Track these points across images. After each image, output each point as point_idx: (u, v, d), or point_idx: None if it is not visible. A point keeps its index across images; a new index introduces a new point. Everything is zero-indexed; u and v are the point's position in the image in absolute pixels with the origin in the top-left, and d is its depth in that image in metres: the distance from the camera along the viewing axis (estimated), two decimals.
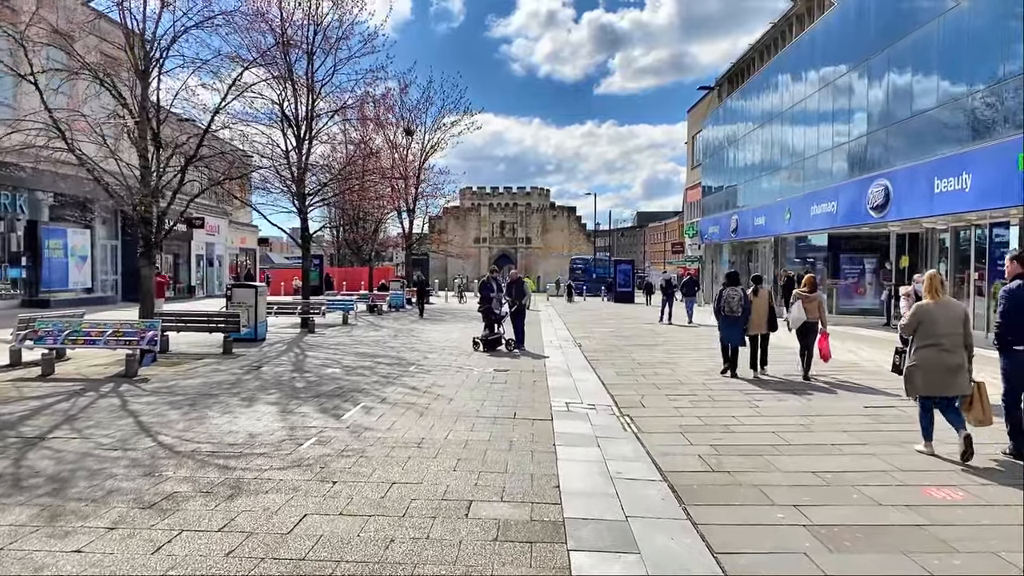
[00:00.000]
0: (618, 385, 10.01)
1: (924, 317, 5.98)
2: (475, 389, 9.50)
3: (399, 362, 12.26)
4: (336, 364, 11.89)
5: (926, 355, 5.95)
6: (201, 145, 11.27)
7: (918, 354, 6.00)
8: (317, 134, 19.48)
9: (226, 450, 6.08)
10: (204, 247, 38.08)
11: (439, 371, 11.21)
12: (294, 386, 9.57)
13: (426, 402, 8.48)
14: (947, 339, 5.88)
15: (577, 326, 21.29)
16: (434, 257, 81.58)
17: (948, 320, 5.92)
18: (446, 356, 13.22)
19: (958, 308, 6.07)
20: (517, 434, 6.86)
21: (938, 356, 5.88)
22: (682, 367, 11.98)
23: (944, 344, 5.87)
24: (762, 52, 30.82)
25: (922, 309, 6.02)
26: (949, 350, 5.87)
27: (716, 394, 9.33)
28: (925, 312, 5.99)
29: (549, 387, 9.75)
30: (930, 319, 5.95)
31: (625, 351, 14.52)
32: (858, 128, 19.05)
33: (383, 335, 17.45)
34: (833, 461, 6.02)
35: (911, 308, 6.23)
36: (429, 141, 33.67)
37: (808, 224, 21.94)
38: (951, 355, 5.86)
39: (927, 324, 5.95)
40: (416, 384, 9.84)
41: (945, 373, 5.87)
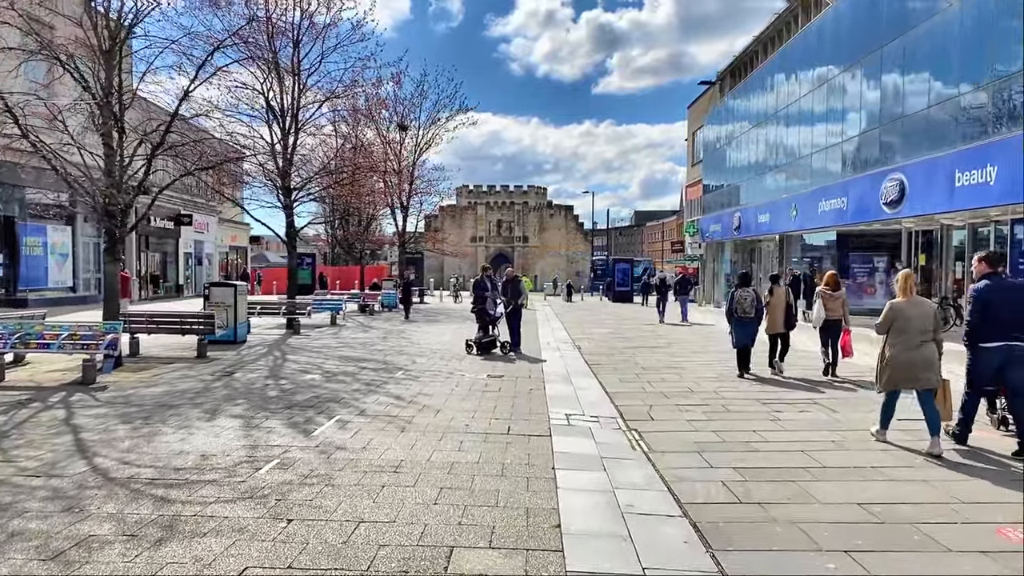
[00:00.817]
0: (622, 394, 9.15)
1: (897, 315, 6.21)
2: (466, 398, 8.62)
3: (385, 367, 11.37)
4: (316, 369, 11.00)
5: (899, 351, 6.16)
6: (168, 132, 10.36)
7: (891, 350, 6.22)
8: (304, 126, 18.59)
9: (170, 476, 5.20)
10: (192, 245, 37.14)
11: (427, 377, 10.33)
12: (266, 395, 8.68)
13: (410, 414, 7.61)
14: (918, 335, 6.09)
15: (575, 326, 20.43)
16: (431, 256, 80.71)
17: (919, 317, 6.13)
18: (436, 360, 12.34)
19: (928, 306, 6.30)
20: (511, 455, 5.99)
21: (910, 352, 6.09)
22: (690, 372, 11.13)
23: (915, 341, 6.09)
24: (766, 45, 29.97)
25: (895, 307, 6.26)
26: (920, 346, 6.08)
27: (731, 404, 8.48)
28: (898, 310, 6.22)
29: (547, 396, 8.89)
30: (903, 316, 6.17)
31: (627, 354, 13.67)
32: (870, 120, 18.21)
33: (372, 337, 16.56)
34: (879, 488, 5.17)
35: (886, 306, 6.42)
36: (423, 136, 32.76)
37: (816, 221, 21.09)
38: (922, 351, 6.08)
39: (900, 321, 6.17)
40: (401, 393, 8.96)
41: (916, 368, 6.08)
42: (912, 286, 6.33)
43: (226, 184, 18.29)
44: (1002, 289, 5.99)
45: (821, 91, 21.19)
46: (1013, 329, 5.84)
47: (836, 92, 20.25)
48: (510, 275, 14.33)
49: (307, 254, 44.47)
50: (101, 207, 10.25)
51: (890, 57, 17.08)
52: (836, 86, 20.18)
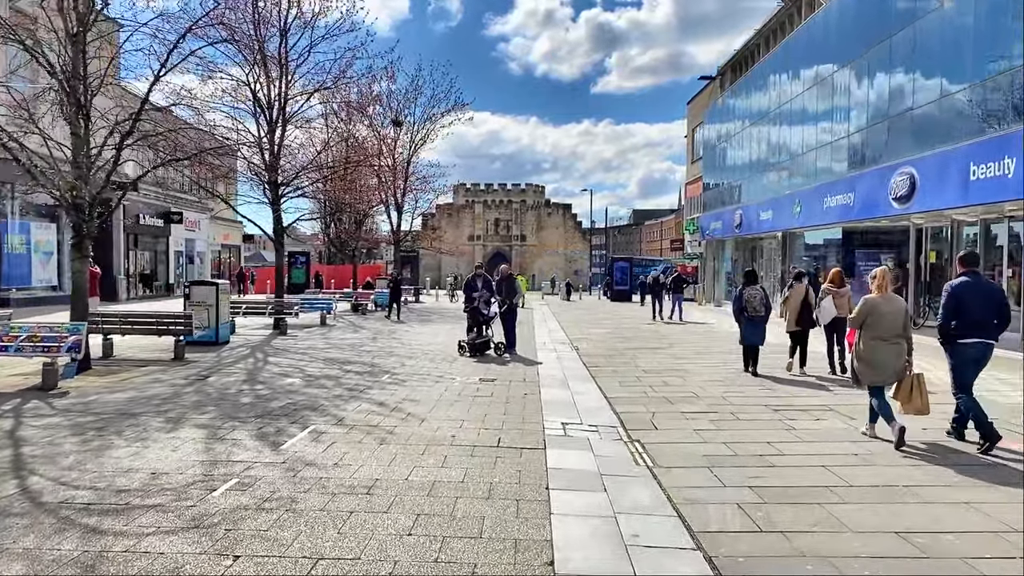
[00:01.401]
0: (623, 399, 8.53)
1: (871, 310, 6.27)
2: (454, 405, 8.00)
3: (371, 370, 10.74)
4: (298, 373, 10.37)
5: (872, 346, 6.27)
6: (138, 120, 9.70)
7: (865, 345, 6.32)
8: (292, 118, 17.94)
9: (109, 500, 4.57)
10: (183, 243, 36.44)
11: (415, 381, 9.70)
12: (239, 402, 8.04)
13: (392, 424, 6.98)
14: (892, 331, 6.21)
15: (573, 326, 19.82)
16: (428, 255, 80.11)
17: (891, 314, 6.23)
18: (427, 362, 11.71)
19: (901, 303, 6.38)
20: (500, 472, 5.37)
21: (885, 347, 6.22)
22: (694, 375, 10.51)
23: (886, 336, 6.21)
24: (767, 38, 29.34)
25: (869, 303, 6.31)
26: (892, 342, 6.21)
27: (740, 411, 7.85)
28: (872, 306, 6.28)
29: (542, 402, 8.26)
30: (877, 312, 6.24)
31: (627, 355, 13.05)
32: (878, 114, 17.60)
33: (361, 338, 15.92)
34: (917, 513, 4.55)
35: (860, 302, 6.49)
36: (419, 132, 32.10)
37: (820, 218, 20.50)
38: (897, 346, 6.21)
39: (874, 317, 6.24)
40: (385, 399, 8.32)
41: (892, 362, 6.22)
42: (887, 283, 6.41)
43: (210, 179, 17.61)
44: (976, 288, 6.14)
45: (825, 85, 20.59)
46: (985, 327, 6.06)
47: (841, 86, 19.65)
48: (504, 273, 13.70)
49: (301, 252, 43.93)
50: (67, 200, 9.59)
51: (899, 47, 16.48)
52: (841, 80, 19.58)
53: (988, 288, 6.33)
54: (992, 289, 6.43)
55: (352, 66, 17.95)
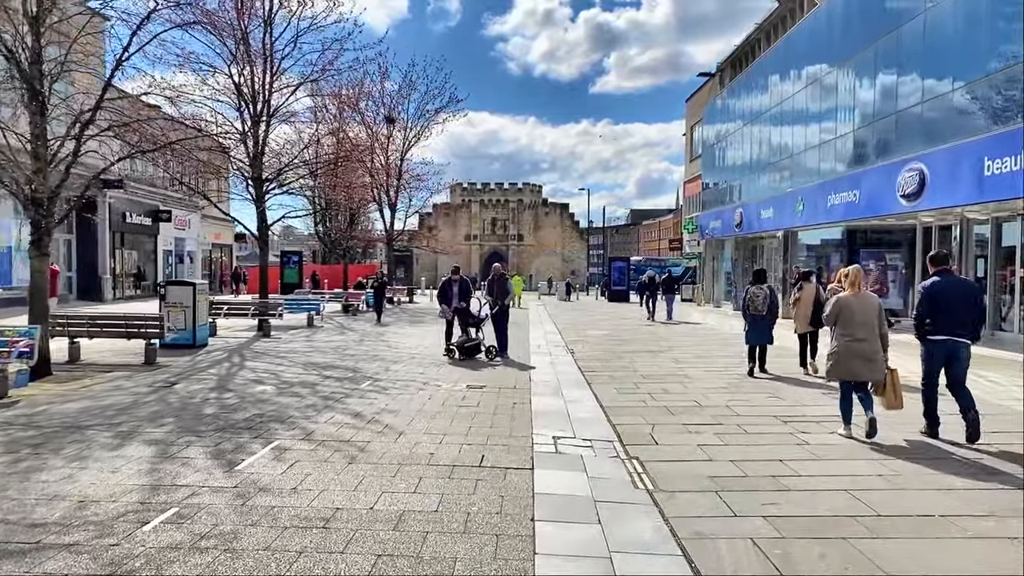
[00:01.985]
0: (620, 409, 7.89)
1: (843, 308, 6.36)
2: (436, 416, 7.35)
3: (352, 376, 10.08)
4: (272, 379, 9.70)
5: (845, 343, 6.33)
6: (99, 107, 9.03)
7: (838, 342, 6.40)
8: (277, 112, 17.27)
9: (17, 538, 3.90)
10: (173, 242, 35.72)
11: (398, 388, 9.05)
12: (201, 412, 7.39)
13: (366, 439, 6.33)
14: (863, 329, 6.25)
15: (569, 328, 19.18)
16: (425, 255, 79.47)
17: (864, 312, 6.29)
18: (413, 367, 11.06)
19: (874, 301, 6.43)
20: (480, 498, 4.72)
21: (855, 345, 6.26)
22: (696, 381, 9.87)
23: (860, 334, 6.24)
24: (768, 33, 28.73)
25: (842, 301, 6.39)
26: (865, 339, 6.24)
27: (747, 422, 7.22)
28: (844, 304, 6.36)
29: (533, 412, 7.62)
30: (849, 310, 6.32)
31: (625, 359, 12.41)
32: (885, 106, 16.98)
33: (347, 340, 15.27)
34: (959, 551, 3.91)
35: (833, 300, 6.61)
36: (412, 129, 31.45)
37: (824, 216, 19.87)
38: (866, 344, 6.24)
39: (846, 315, 6.32)
40: (362, 409, 7.67)
41: (861, 360, 6.25)
42: (860, 282, 6.48)
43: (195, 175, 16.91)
44: (949, 286, 6.29)
45: (829, 79, 19.96)
46: (956, 323, 6.20)
47: (845, 80, 19.03)
48: (496, 273, 13.04)
49: (294, 252, 43.24)
50: (24, 194, 8.92)
51: (907, 38, 15.86)
52: (845, 74, 18.96)
53: (962, 286, 6.47)
54: (966, 287, 6.58)
55: (340, 58, 17.30)
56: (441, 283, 12.83)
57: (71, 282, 27.33)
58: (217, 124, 15.42)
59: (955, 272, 6.78)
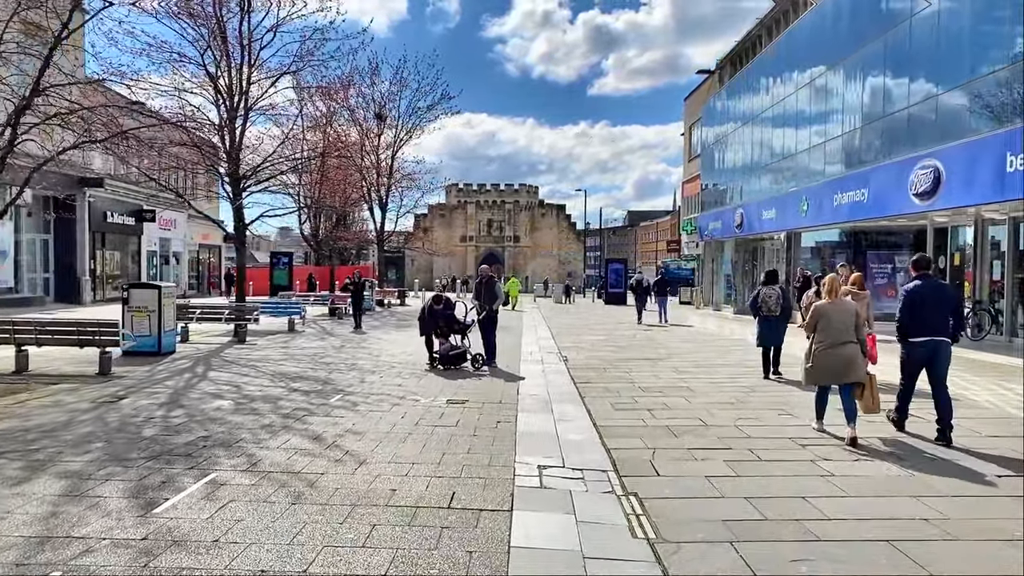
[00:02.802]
0: (617, 429, 7.02)
1: (821, 315, 6.47)
2: (407, 439, 6.46)
3: (322, 389, 9.19)
4: (233, 393, 8.80)
5: (823, 350, 6.44)
6: (36, 91, 8.14)
7: (816, 348, 6.49)
8: (255, 104, 16.37)
9: None
10: (158, 243, 34.78)
11: (370, 404, 8.17)
12: (138, 435, 6.49)
13: (320, 469, 5.44)
14: (841, 334, 6.36)
15: (564, 332, 18.32)
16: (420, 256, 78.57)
17: (841, 318, 6.39)
18: (391, 378, 10.18)
19: (851, 307, 6.53)
20: (443, 556, 3.83)
21: (833, 350, 6.37)
22: (700, 394, 9.01)
23: (839, 339, 6.36)
24: (770, 27, 27.93)
25: (820, 308, 6.53)
26: (842, 345, 6.36)
27: (760, 446, 6.35)
28: (822, 311, 6.48)
29: (518, 432, 6.75)
30: (826, 317, 6.44)
31: (622, 368, 11.56)
32: (897, 100, 16.14)
33: (326, 346, 14.37)
34: None
35: (811, 307, 6.80)
36: (404, 127, 30.57)
37: (830, 216, 19.04)
38: (845, 349, 6.36)
39: (824, 321, 6.44)
40: (324, 430, 6.78)
41: (840, 365, 6.38)
42: (837, 289, 6.61)
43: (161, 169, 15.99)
44: (929, 289, 6.47)
45: (835, 73, 19.13)
46: (937, 324, 6.39)
47: (853, 73, 18.20)
48: (484, 275, 12.14)
49: (284, 253, 42.31)
50: None
51: (921, 26, 15.03)
52: (853, 66, 18.13)
53: (941, 290, 6.66)
54: (945, 291, 6.77)
55: (321, 47, 16.40)
56: (421, 309, 11.79)
57: (47, 284, 26.36)
58: (186, 115, 14.49)
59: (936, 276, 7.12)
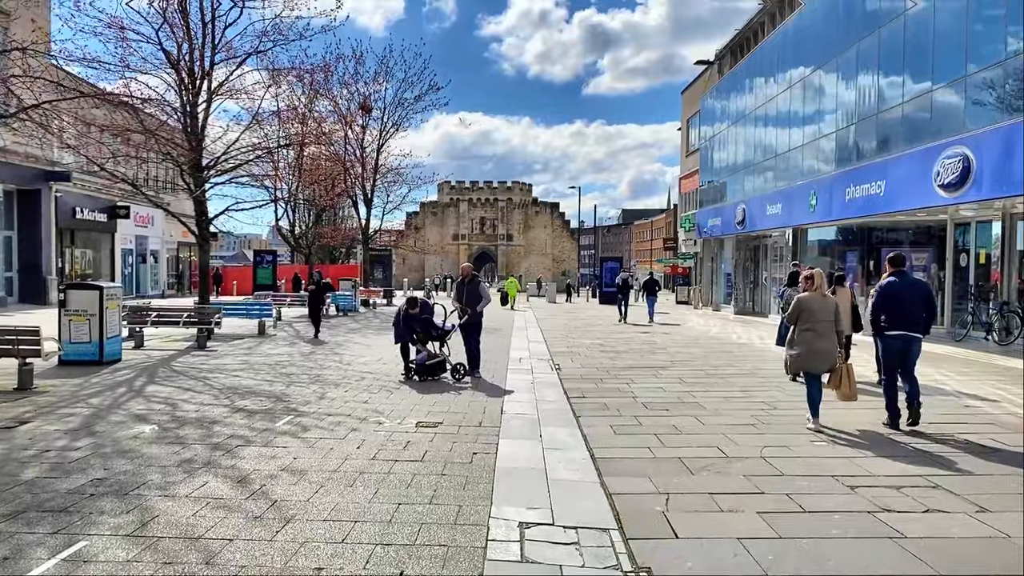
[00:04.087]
0: (620, 462, 5.72)
1: (804, 308, 6.84)
2: (357, 482, 5.13)
3: (272, 408, 7.84)
4: (164, 414, 7.44)
5: (804, 338, 6.83)
6: None
7: (798, 338, 6.88)
8: (219, 88, 14.98)
9: None
10: (133, 240, 33.26)
11: (324, 428, 6.83)
12: (16, 477, 5.12)
13: (227, 532, 4.10)
14: (822, 326, 6.75)
15: (557, 336, 17.02)
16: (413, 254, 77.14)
17: (822, 311, 6.78)
18: (357, 392, 8.84)
19: (831, 302, 6.94)
20: None
21: (813, 340, 6.77)
22: (713, 412, 7.72)
23: (818, 330, 6.75)
24: (774, 15, 26.67)
25: (803, 301, 6.87)
26: (821, 335, 6.76)
27: (799, 488, 5.05)
28: (804, 304, 6.85)
29: (498, 469, 5.44)
30: (808, 309, 6.82)
31: (621, 378, 10.27)
32: (919, 83, 14.89)
33: (294, 353, 13.02)
34: None
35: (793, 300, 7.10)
36: (389, 119, 29.20)
37: (841, 210, 17.80)
38: (823, 339, 6.76)
39: (806, 313, 6.82)
40: (255, 468, 5.44)
41: (819, 355, 6.79)
42: (821, 283, 6.92)
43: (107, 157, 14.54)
44: (903, 286, 6.77)
45: (848, 56, 17.86)
46: (911, 319, 6.70)
47: (869, 54, 16.94)
48: (467, 273, 10.77)
49: (267, 251, 40.90)
50: None
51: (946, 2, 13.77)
52: (868, 48, 16.86)
53: (916, 286, 6.96)
54: (919, 287, 7.04)
55: (293, 27, 15.04)
56: (396, 313, 10.48)
57: (11, 284, 24.87)
58: (132, 94, 13.09)
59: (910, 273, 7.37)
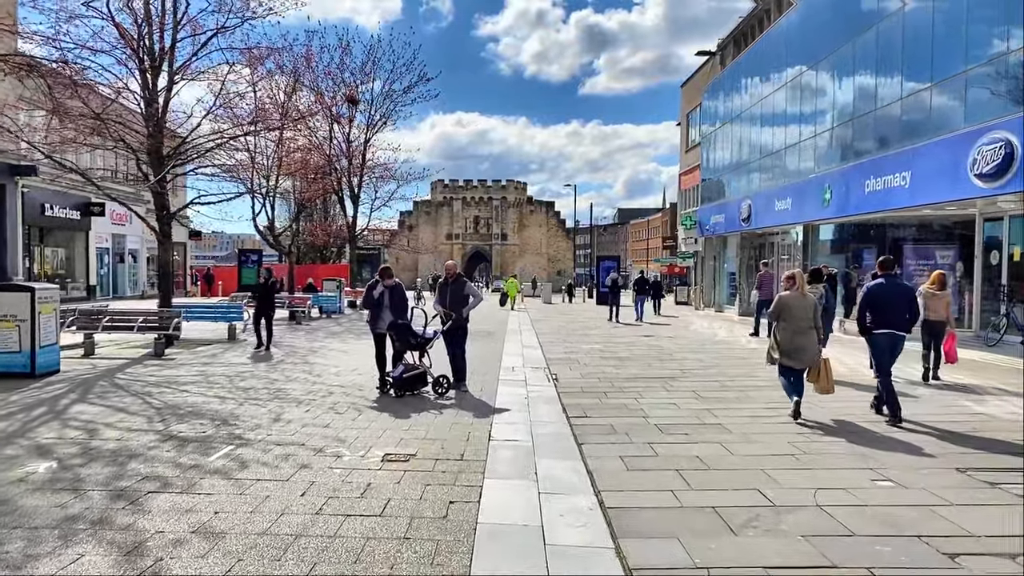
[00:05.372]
0: (638, 514, 4.39)
1: (784, 305, 7.21)
2: (290, 550, 3.79)
3: (213, 434, 6.48)
4: (75, 445, 6.07)
5: (784, 335, 7.18)
6: None
7: (781, 335, 7.21)
8: (182, 70, 13.60)
9: None
10: (110, 239, 31.78)
11: (266, 464, 5.49)
12: None
13: None
14: (801, 323, 7.10)
15: (554, 339, 15.70)
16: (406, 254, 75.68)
17: (802, 308, 7.15)
18: (320, 412, 7.49)
19: (811, 300, 7.28)
20: None
21: (792, 336, 7.12)
22: (742, 437, 6.40)
23: (799, 327, 7.10)
24: (780, 1, 25.40)
25: (782, 299, 7.25)
26: (801, 332, 7.10)
27: (875, 548, 3.73)
28: (784, 302, 7.21)
29: (479, 530, 4.11)
30: (788, 307, 7.17)
31: (627, 391, 8.97)
32: (949, 62, 13.60)
33: (259, 362, 11.65)
34: None
35: (776, 298, 7.47)
36: (377, 111, 27.83)
37: (859, 205, 16.51)
38: (804, 336, 7.10)
39: (786, 310, 7.17)
40: (161, 526, 4.10)
41: (799, 350, 7.10)
42: (803, 283, 7.34)
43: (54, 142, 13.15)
44: (890, 288, 7.23)
45: (868, 36, 16.57)
46: (896, 319, 7.14)
47: (891, 35, 15.65)
48: (451, 272, 9.37)
49: (253, 251, 39.43)
50: None
51: None
52: (891, 26, 15.56)
53: (900, 288, 7.39)
54: (904, 289, 7.46)
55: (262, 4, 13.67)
56: (367, 286, 9.25)
57: None
58: (76, 70, 11.71)
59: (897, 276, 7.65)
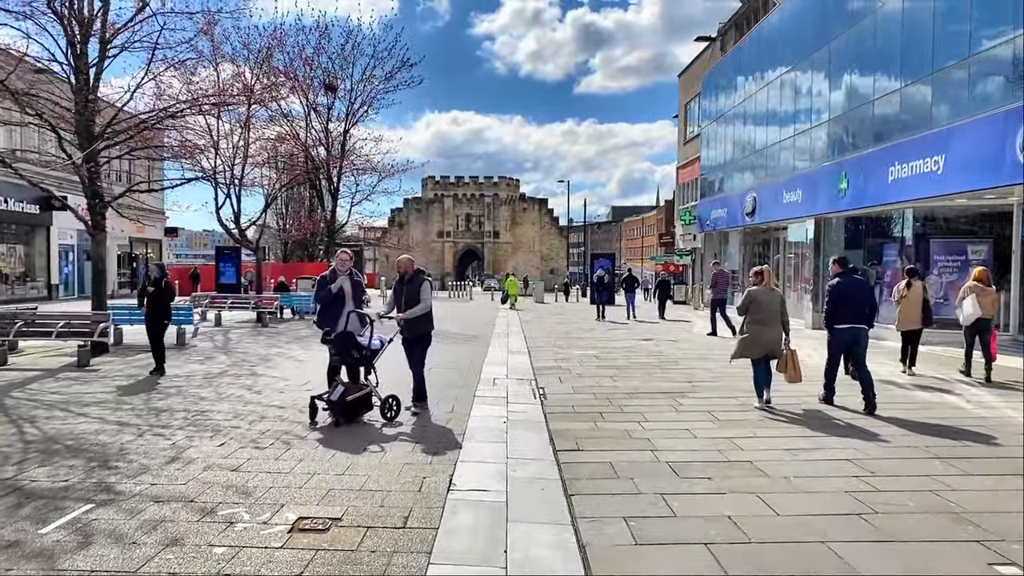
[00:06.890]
0: None
1: (753, 300, 7.50)
2: None
3: (78, 482, 4.80)
4: None
5: (752, 328, 7.50)
6: None
7: (748, 328, 7.54)
8: (115, 36, 11.87)
9: None
10: (75, 236, 29.93)
11: (123, 538, 3.81)
12: None
13: None
14: (769, 316, 7.45)
15: (544, 344, 14.04)
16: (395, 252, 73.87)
17: (769, 303, 7.48)
18: (236, 448, 5.81)
19: (778, 295, 7.66)
20: None
21: (760, 329, 7.45)
22: (779, 478, 4.77)
23: (767, 320, 7.44)
24: None
25: (751, 293, 7.55)
26: (768, 325, 7.44)
27: None
28: (753, 296, 7.51)
29: None
30: (757, 301, 7.48)
31: (629, 411, 7.35)
32: (995, 28, 12.01)
33: (196, 374, 9.94)
34: None
35: (744, 293, 7.81)
36: (357, 97, 26.11)
37: (880, 194, 14.92)
38: (770, 329, 7.44)
39: (755, 305, 7.48)
40: None
41: (766, 342, 7.45)
42: (771, 279, 7.64)
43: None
44: (851, 285, 7.63)
45: (893, 5, 14.97)
46: (857, 315, 7.54)
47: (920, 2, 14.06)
48: (405, 268, 7.51)
49: (230, 248, 37.63)
50: None
51: None
52: None
53: (860, 285, 7.80)
54: (863, 286, 7.87)
55: None
56: (319, 279, 7.60)
57: None
58: None
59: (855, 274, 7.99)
